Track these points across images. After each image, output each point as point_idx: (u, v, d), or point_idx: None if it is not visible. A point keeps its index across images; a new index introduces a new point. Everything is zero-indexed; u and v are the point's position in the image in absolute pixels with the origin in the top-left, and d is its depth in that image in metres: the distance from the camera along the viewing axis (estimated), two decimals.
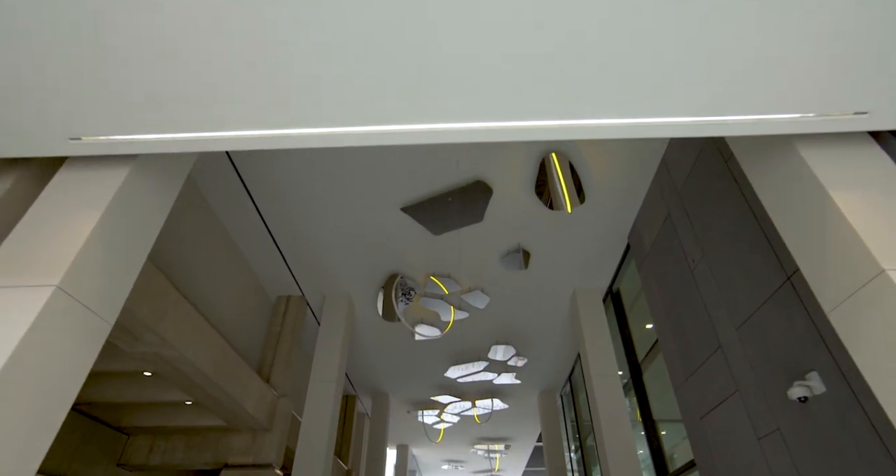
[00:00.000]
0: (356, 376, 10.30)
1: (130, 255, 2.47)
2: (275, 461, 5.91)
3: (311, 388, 6.48)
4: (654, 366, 6.27)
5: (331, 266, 6.84)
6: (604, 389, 6.24)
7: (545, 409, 10.92)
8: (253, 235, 6.35)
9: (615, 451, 5.74)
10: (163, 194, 2.68)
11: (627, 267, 6.78)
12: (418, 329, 7.86)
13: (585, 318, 6.93)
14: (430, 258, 6.62)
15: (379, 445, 10.33)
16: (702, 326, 4.29)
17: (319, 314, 7.43)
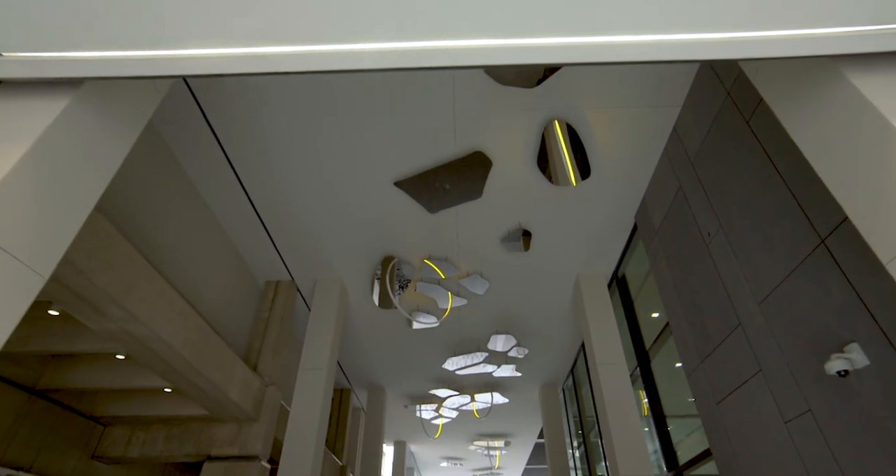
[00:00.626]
0: (351, 369, 9.97)
1: (71, 200, 2.13)
2: (261, 453, 5.57)
3: (301, 376, 6.15)
4: (661, 356, 5.94)
5: (321, 249, 6.51)
6: (610, 378, 5.91)
7: (547, 404, 10.59)
8: (239, 217, 6.01)
9: (623, 442, 5.41)
10: (116, 135, 2.34)
11: (634, 251, 6.44)
12: (415, 316, 7.52)
13: (590, 304, 6.60)
14: (427, 239, 6.28)
15: (375, 441, 9.99)
16: (719, 304, 3.96)
17: (310, 300, 7.09)
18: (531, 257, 6.60)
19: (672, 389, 5.88)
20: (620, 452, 5.34)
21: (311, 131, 4.81)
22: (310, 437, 5.62)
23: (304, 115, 4.66)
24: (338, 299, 6.86)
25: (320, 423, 5.81)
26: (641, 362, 6.13)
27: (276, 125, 4.76)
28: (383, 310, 7.56)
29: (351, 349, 9.16)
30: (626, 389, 5.80)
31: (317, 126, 4.76)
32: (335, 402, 10.65)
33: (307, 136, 4.87)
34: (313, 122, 4.72)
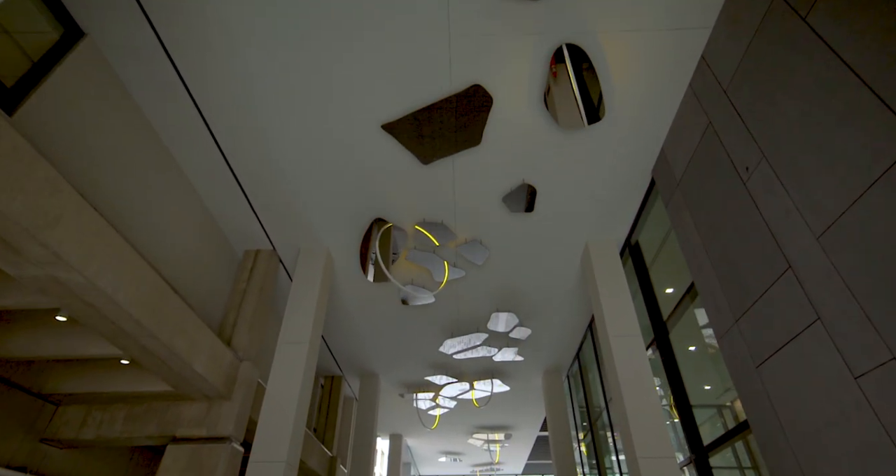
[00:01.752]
0: (342, 354, 9.35)
1: None
2: (233, 434, 4.95)
3: (280, 350, 5.53)
4: (676, 333, 5.33)
5: (305, 213, 5.89)
6: (624, 351, 5.29)
7: (550, 392, 9.96)
8: (212, 176, 5.40)
9: (639, 420, 4.79)
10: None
11: (649, 215, 5.83)
12: (408, 291, 6.90)
13: (601, 273, 5.98)
14: (421, 200, 5.66)
15: (367, 430, 9.37)
16: (760, 250, 3.35)
17: (294, 271, 6.46)
18: (536, 222, 5.98)
19: (695, 365, 5.26)
20: (637, 431, 4.72)
21: (286, 67, 4.19)
22: (287, 416, 5.00)
23: (276, 49, 4.05)
24: (323, 268, 6.24)
25: (300, 401, 5.19)
26: (659, 334, 5.51)
27: (246, 62, 4.14)
28: (374, 287, 6.94)
29: (341, 332, 8.54)
30: (643, 362, 5.18)
31: (293, 62, 4.15)
32: (325, 389, 10.04)
33: (281, 73, 4.26)
34: (288, 56, 4.10)
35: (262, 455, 4.75)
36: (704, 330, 5.14)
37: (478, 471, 18.63)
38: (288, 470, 4.76)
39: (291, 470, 4.85)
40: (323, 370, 10.06)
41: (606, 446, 8.43)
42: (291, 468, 4.84)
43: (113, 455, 6.17)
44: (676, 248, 5.43)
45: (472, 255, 6.33)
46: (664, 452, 4.60)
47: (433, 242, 6.12)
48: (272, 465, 4.69)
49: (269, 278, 6.35)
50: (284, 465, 4.69)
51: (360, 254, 6.38)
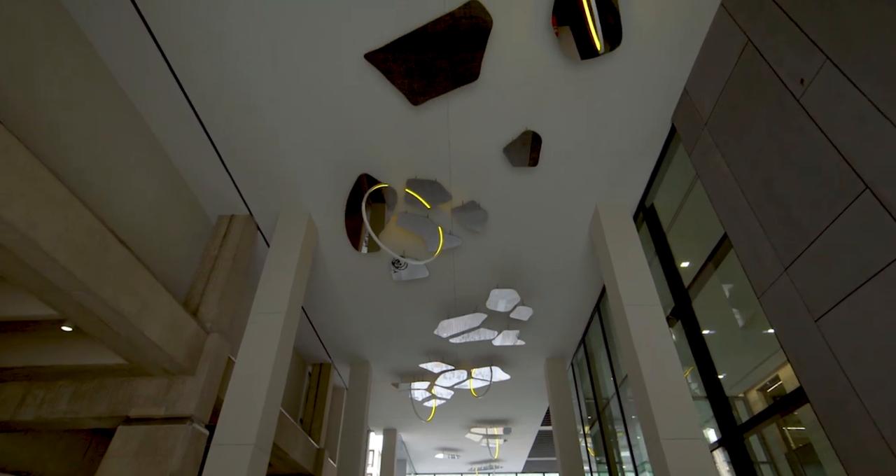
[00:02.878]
0: (330, 340, 8.71)
1: None
2: (195, 414, 4.31)
3: (252, 320, 4.90)
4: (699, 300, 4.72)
5: (282, 172, 5.27)
6: (642, 322, 4.67)
7: (554, 381, 9.32)
8: (179, 129, 4.79)
9: (662, 399, 4.16)
10: None
11: (665, 174, 5.22)
12: (401, 260, 6.28)
13: (612, 238, 5.36)
14: (411, 149, 5.03)
15: (357, 421, 8.72)
16: (822, 176, 2.73)
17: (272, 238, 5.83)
18: (540, 182, 5.36)
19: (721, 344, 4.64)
20: (659, 410, 4.09)
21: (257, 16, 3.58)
22: (257, 394, 4.36)
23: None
24: (304, 233, 5.61)
25: (274, 378, 4.55)
26: (680, 304, 4.89)
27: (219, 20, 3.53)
28: (363, 262, 6.30)
29: (329, 314, 7.91)
30: (663, 333, 4.56)
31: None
32: (314, 378, 9.40)
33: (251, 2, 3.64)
34: None
35: (226, 436, 4.12)
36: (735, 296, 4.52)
37: (476, 468, 17.98)
38: (257, 454, 4.13)
39: (262, 455, 4.21)
40: (311, 357, 9.43)
41: (615, 440, 7.81)
42: (261, 452, 4.20)
43: (67, 441, 5.52)
44: (697, 212, 4.84)
45: (470, 219, 5.70)
46: (691, 433, 3.98)
47: (424, 205, 5.50)
48: (238, 449, 4.06)
49: (245, 245, 5.71)
50: (252, 449, 4.05)
51: (346, 217, 5.75)
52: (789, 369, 3.72)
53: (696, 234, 4.99)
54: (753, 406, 4.11)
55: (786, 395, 3.41)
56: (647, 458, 6.40)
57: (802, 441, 3.69)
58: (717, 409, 4.23)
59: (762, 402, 4.02)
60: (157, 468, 3.95)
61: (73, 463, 5.37)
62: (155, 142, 5.01)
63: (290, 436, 7.19)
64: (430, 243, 5.99)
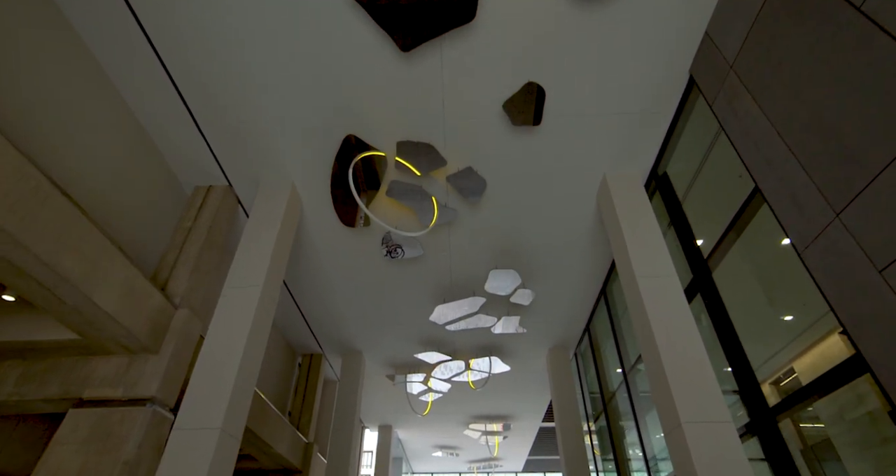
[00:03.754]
0: (320, 328, 8.23)
1: None
2: (158, 396, 3.84)
3: (225, 295, 4.42)
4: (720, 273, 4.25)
5: (262, 136, 4.81)
6: (657, 295, 4.20)
7: (557, 372, 8.83)
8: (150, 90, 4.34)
9: (682, 377, 3.69)
10: None
11: (681, 135, 4.76)
12: (393, 237, 5.81)
13: (623, 207, 4.89)
14: (402, 104, 4.56)
15: (349, 413, 8.23)
16: (891, 93, 2.26)
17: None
18: (543, 147, 4.90)
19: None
20: (679, 389, 3.62)
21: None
22: (227, 374, 3.88)
23: None
24: (286, 203, 5.14)
25: (247, 357, 4.07)
26: (699, 276, 4.41)
27: None
28: (352, 239, 5.82)
29: (318, 300, 7.43)
30: (681, 306, 4.09)
31: None
32: (303, 369, 8.92)
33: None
34: None
35: (189, 420, 3.63)
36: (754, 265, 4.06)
37: (475, 467, 17.48)
38: (225, 441, 3.64)
39: (231, 442, 3.73)
40: (301, 348, 8.95)
41: (624, 434, 7.33)
42: (230, 439, 3.72)
43: (21, 431, 5.02)
44: (716, 178, 4.38)
45: (467, 187, 5.23)
46: (717, 415, 3.50)
47: (417, 173, 5.03)
48: (202, 434, 3.58)
49: (223, 218, 5.25)
50: (219, 434, 3.57)
51: (332, 185, 5.28)
52: (830, 343, 3.26)
53: (715, 202, 4.54)
54: (787, 387, 3.64)
55: (837, 366, 2.93)
56: (659, 453, 5.92)
57: (852, 424, 3.22)
58: (743, 389, 3.75)
59: (797, 382, 3.55)
60: (108, 456, 3.48)
61: (30, 454, 4.89)
62: (121, 102, 4.56)
63: (275, 428, 6.71)
64: (423, 216, 5.52)
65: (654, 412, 6.23)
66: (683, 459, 3.42)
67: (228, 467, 3.69)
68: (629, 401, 6.35)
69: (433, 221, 5.39)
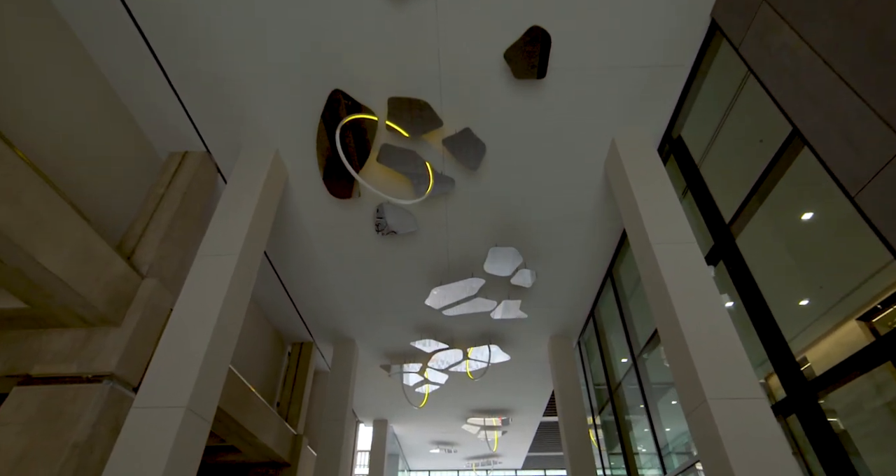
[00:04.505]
0: (310, 314, 7.80)
1: None
2: (117, 372, 3.41)
3: (197, 264, 4.00)
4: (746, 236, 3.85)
5: (243, 101, 4.40)
6: (675, 262, 3.79)
7: (559, 362, 8.41)
8: (115, 42, 3.92)
9: (706, 350, 3.28)
10: None
11: (698, 92, 4.36)
12: (386, 199, 5.40)
13: (634, 172, 4.49)
14: (394, 55, 4.15)
15: (340, 404, 7.80)
16: None
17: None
18: (547, 107, 4.50)
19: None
20: (703, 364, 3.21)
21: None
22: (196, 347, 3.46)
23: None
24: (268, 171, 4.72)
25: (221, 331, 3.65)
26: (721, 242, 4.01)
27: None
28: (342, 213, 5.40)
29: (308, 284, 7.01)
30: (702, 274, 3.69)
31: None
32: (293, 358, 8.49)
33: None
34: None
35: (150, 398, 3.21)
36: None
37: (474, 464, 17.06)
38: (192, 421, 3.22)
39: (199, 423, 3.31)
40: (291, 336, 8.52)
41: (632, 426, 6.92)
42: (198, 420, 3.30)
43: None
44: (737, 139, 3.98)
45: (465, 152, 4.82)
46: (748, 391, 3.09)
47: (408, 135, 4.62)
48: (164, 413, 3.16)
49: (200, 186, 4.83)
50: (184, 413, 3.15)
51: (318, 149, 4.86)
52: None
53: (737, 164, 4.15)
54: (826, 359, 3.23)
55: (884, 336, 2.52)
56: (672, 443, 5.51)
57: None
58: (777, 362, 3.34)
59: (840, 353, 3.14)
60: (57, 438, 3.05)
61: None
62: (87, 59, 4.15)
63: (260, 417, 6.28)
64: (417, 184, 5.10)
65: (665, 401, 5.82)
66: (709, 440, 3.02)
67: (196, 451, 3.27)
68: (639, 388, 5.94)
69: (429, 189, 4.97)
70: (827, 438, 2.92)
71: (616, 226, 6.01)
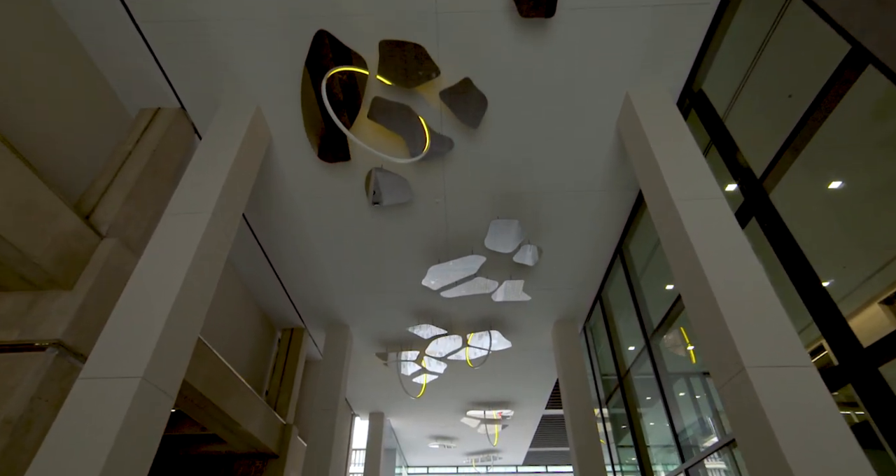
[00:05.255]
0: (301, 297, 7.37)
1: None
2: (66, 339, 2.98)
3: (164, 221, 3.56)
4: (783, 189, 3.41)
5: (220, 44, 3.97)
6: (702, 219, 3.36)
7: (564, 349, 7.95)
8: None
9: (741, 312, 2.85)
10: None
11: (723, 38, 3.93)
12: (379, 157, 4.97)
13: (651, 126, 4.06)
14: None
15: (333, 390, 7.36)
16: None
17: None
18: (553, 54, 4.06)
19: None
20: (739, 328, 2.78)
21: None
22: (157, 313, 3.02)
23: None
24: (248, 126, 4.28)
25: (186, 296, 3.22)
26: (752, 198, 3.57)
27: None
28: (330, 179, 4.95)
29: (298, 265, 6.58)
30: (733, 229, 3.26)
31: None
32: (283, 345, 8.05)
33: None
34: None
35: (100, 367, 2.78)
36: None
37: (474, 460, 16.64)
38: (149, 394, 2.79)
39: (159, 397, 2.87)
40: (282, 321, 8.09)
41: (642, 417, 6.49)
42: (158, 393, 2.86)
43: None
44: (764, 97, 3.55)
45: (465, 107, 4.38)
46: (793, 359, 2.66)
47: (403, 85, 4.18)
48: (115, 383, 2.72)
49: (172, 144, 4.40)
50: (138, 385, 2.71)
51: (302, 99, 4.42)
52: None
53: (764, 120, 3.72)
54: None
55: None
56: (691, 435, 5.05)
57: None
58: (826, 327, 2.90)
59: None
60: None
61: None
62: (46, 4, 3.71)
63: (243, 403, 5.85)
64: (412, 145, 4.66)
65: (682, 387, 5.39)
66: (749, 414, 2.59)
67: (155, 428, 2.83)
68: (653, 371, 5.50)
69: (426, 146, 4.53)
70: (889, 407, 2.48)
71: (627, 196, 5.58)
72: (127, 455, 2.60)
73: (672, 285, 5.31)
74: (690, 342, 5.36)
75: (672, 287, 5.30)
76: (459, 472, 19.08)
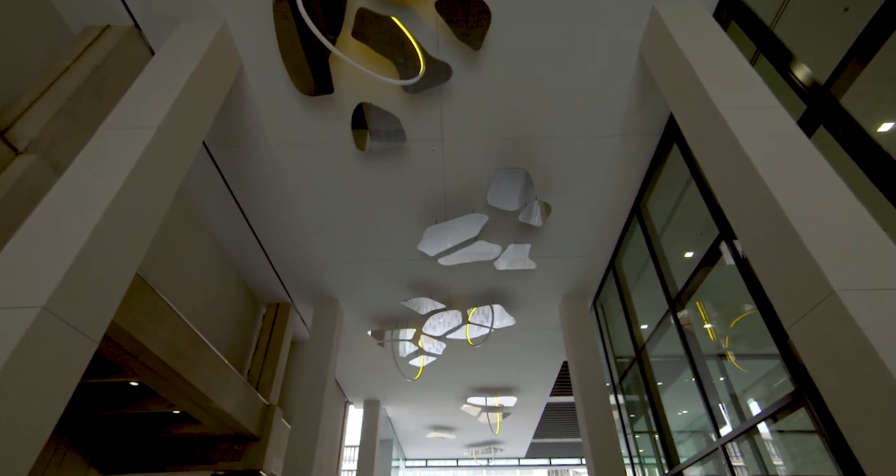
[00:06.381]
0: (287, 267, 6.74)
1: None
2: None
3: (98, 136, 2.93)
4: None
5: None
6: (756, 128, 2.73)
7: (573, 326, 7.28)
8: None
9: (818, 228, 2.22)
10: None
11: None
12: (370, 75, 4.33)
13: (686, 39, 3.42)
14: None
15: (321, 368, 6.72)
16: None
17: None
18: None
19: None
20: (820, 247, 2.15)
21: None
22: (73, 234, 2.39)
23: None
24: (211, 42, 3.65)
25: (115, 219, 2.59)
26: (816, 104, 2.92)
27: None
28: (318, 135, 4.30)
29: (280, 225, 5.94)
30: (798, 138, 2.63)
31: None
32: (267, 320, 7.42)
33: None
34: None
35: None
36: None
37: (475, 452, 16.02)
38: (55, 329, 2.17)
39: (68, 332, 2.25)
40: (266, 295, 7.46)
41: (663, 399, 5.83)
42: (67, 328, 2.23)
43: None
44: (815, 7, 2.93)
45: (465, 20, 3.73)
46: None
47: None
48: (6, 314, 2.09)
49: (121, 60, 3.77)
50: (37, 315, 2.09)
51: (274, 18, 3.78)
52: None
53: (816, 34, 3.10)
54: None
55: None
56: (729, 418, 4.36)
57: None
58: None
59: None
60: None
61: None
62: None
63: (217, 378, 5.22)
64: (403, 70, 4.02)
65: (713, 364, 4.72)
66: (842, 348, 1.95)
67: (66, 372, 2.21)
68: (680, 341, 4.84)
69: (421, 71, 3.88)
70: None
71: (648, 145, 4.94)
72: (15, 403, 1.97)
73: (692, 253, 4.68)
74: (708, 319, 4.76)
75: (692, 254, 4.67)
76: (460, 465, 18.47)
